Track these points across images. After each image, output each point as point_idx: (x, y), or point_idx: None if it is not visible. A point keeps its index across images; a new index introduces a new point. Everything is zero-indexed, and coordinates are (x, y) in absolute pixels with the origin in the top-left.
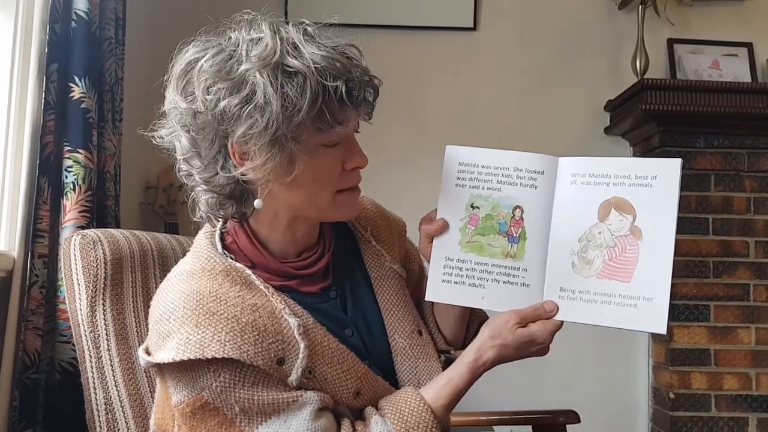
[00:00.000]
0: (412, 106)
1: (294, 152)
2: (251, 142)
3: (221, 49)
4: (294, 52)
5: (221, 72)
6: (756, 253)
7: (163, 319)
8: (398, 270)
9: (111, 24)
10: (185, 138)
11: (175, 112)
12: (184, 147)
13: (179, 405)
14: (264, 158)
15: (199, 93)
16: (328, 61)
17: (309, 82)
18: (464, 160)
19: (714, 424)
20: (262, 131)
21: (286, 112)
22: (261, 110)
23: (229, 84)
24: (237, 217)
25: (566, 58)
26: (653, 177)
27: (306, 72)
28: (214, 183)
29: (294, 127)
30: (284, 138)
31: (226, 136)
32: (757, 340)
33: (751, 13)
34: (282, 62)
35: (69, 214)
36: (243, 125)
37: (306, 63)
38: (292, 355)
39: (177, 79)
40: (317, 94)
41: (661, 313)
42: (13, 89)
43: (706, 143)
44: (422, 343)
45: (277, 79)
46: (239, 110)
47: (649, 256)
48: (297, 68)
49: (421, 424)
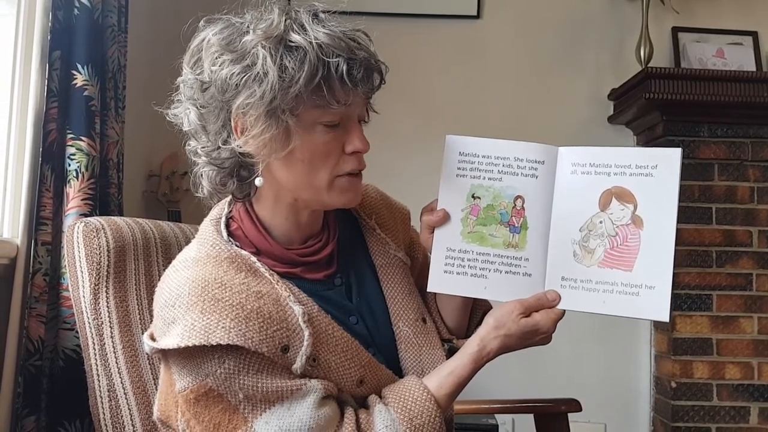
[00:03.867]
0: (415, 93)
1: (290, 126)
2: (249, 112)
3: (230, 24)
4: (299, 30)
5: (228, 44)
6: (759, 243)
7: (168, 305)
8: (403, 258)
9: (114, 11)
10: (193, 112)
11: (185, 86)
12: (191, 121)
13: (183, 391)
14: (260, 129)
15: (207, 65)
16: (333, 39)
17: (309, 56)
18: (465, 150)
19: (715, 413)
20: (258, 101)
21: (283, 83)
22: (259, 80)
23: (234, 55)
24: (240, 197)
25: (570, 46)
26: (654, 166)
27: (307, 47)
28: (216, 156)
29: (290, 99)
30: (280, 110)
31: (228, 108)
32: (760, 330)
33: (756, 2)
34: (285, 37)
35: (72, 201)
36: (242, 95)
37: (308, 39)
38: (296, 343)
39: (190, 55)
40: (316, 68)
41: (663, 301)
42: (15, 77)
43: (710, 132)
44: (426, 331)
45: (278, 52)
46: (239, 80)
47: (650, 245)
48: (299, 43)
49: (424, 413)
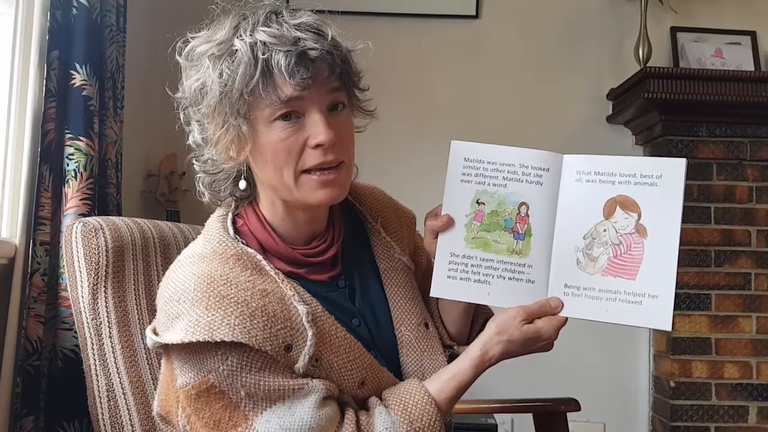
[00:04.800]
0: (413, 94)
1: (242, 129)
2: (205, 121)
3: (197, 36)
4: (243, 34)
5: (190, 59)
6: (758, 242)
7: (173, 300)
8: (407, 262)
9: (112, 11)
10: (183, 118)
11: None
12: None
13: (185, 387)
14: (216, 136)
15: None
16: (276, 36)
17: (243, 57)
18: (470, 155)
19: (714, 412)
20: (211, 112)
21: (224, 88)
22: (204, 91)
23: (193, 70)
24: (237, 198)
25: (569, 46)
26: (658, 176)
27: (242, 48)
28: (202, 161)
29: (235, 102)
30: (229, 115)
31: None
32: (758, 329)
33: (754, 2)
34: (230, 44)
35: (70, 201)
36: (199, 107)
37: (247, 41)
38: (299, 342)
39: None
40: (252, 68)
41: (666, 310)
42: (14, 77)
43: (709, 132)
44: (428, 336)
45: (220, 60)
46: (194, 93)
47: (654, 254)
48: (237, 47)
49: (424, 416)
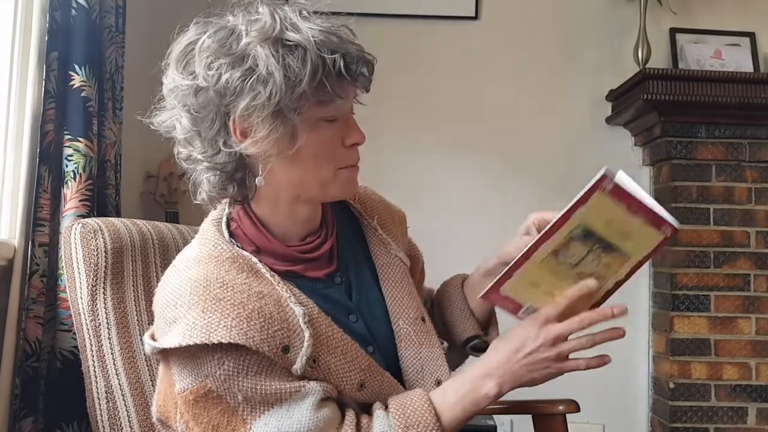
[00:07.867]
0: (412, 95)
1: (296, 125)
2: (254, 115)
3: (221, 27)
4: (292, 28)
5: (222, 48)
6: (757, 244)
7: (170, 305)
8: (403, 258)
9: (111, 12)
10: (186, 118)
11: (176, 92)
12: (185, 127)
13: (183, 392)
14: (267, 131)
15: (201, 70)
16: (325, 35)
17: (309, 54)
18: None
19: (713, 413)
20: (265, 103)
21: (289, 82)
22: (264, 82)
23: (231, 59)
24: (240, 200)
25: (568, 47)
26: None
27: (306, 45)
28: (217, 161)
29: (296, 99)
30: (287, 109)
31: (227, 112)
32: (758, 330)
33: (753, 3)
34: (281, 37)
35: (69, 202)
36: (245, 98)
37: (305, 37)
38: (297, 344)
39: (177, 60)
40: (317, 66)
41: None
42: (13, 78)
43: (708, 133)
44: (426, 330)
45: (278, 52)
46: (241, 83)
47: None
48: (297, 41)
49: (421, 423)
